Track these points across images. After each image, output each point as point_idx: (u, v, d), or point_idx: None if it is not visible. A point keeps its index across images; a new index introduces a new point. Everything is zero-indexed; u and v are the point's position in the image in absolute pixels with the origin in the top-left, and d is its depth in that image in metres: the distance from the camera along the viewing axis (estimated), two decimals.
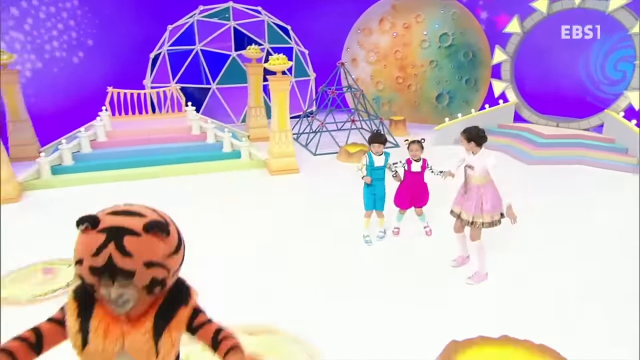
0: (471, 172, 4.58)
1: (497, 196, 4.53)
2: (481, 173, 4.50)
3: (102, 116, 8.83)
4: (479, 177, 4.54)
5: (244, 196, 7.36)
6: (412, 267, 5.07)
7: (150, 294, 1.65)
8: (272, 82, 8.02)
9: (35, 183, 7.65)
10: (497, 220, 4.58)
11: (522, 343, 3.46)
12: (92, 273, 1.53)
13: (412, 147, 5.34)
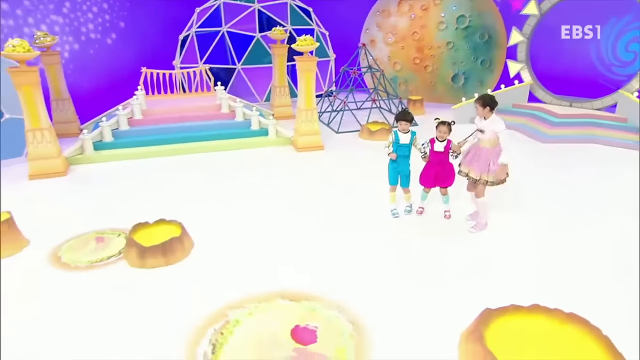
0: (481, 136, 4.94)
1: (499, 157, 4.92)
2: (490, 137, 4.87)
3: (137, 95, 8.83)
4: (488, 141, 4.92)
5: (274, 170, 7.38)
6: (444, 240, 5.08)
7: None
8: (299, 63, 7.93)
9: (79, 158, 7.74)
10: (501, 179, 5.00)
11: (553, 312, 3.46)
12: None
13: (440, 128, 5.20)
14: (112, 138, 8.22)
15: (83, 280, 4.36)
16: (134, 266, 4.56)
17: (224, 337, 3.54)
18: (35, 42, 8.30)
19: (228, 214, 5.77)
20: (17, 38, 6.37)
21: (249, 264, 4.60)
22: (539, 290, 4.00)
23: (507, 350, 3.13)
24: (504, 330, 3.37)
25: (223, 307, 3.88)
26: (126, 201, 6.19)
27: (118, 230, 5.34)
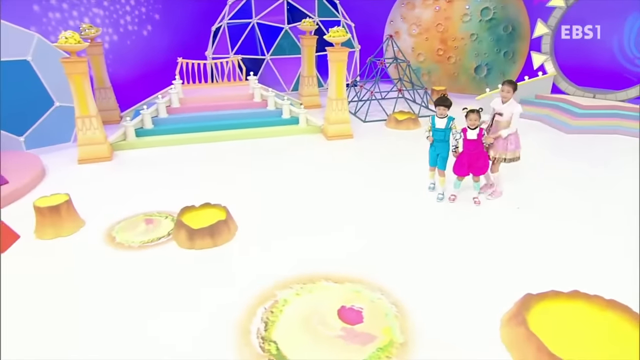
0: (500, 119, 5.35)
1: (517, 139, 5.42)
2: (507, 119, 5.29)
3: (175, 84, 8.86)
4: (505, 122, 5.33)
5: (307, 157, 7.35)
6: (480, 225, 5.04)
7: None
8: (331, 53, 7.84)
9: (122, 144, 7.84)
10: (517, 157, 5.47)
11: (593, 298, 3.42)
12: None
13: (471, 117, 5.20)
14: (152, 125, 8.29)
15: (138, 259, 4.45)
16: (184, 247, 4.63)
17: (275, 315, 3.59)
18: (81, 33, 8.36)
19: (266, 198, 5.80)
20: (70, 30, 6.43)
21: (291, 246, 4.63)
22: (578, 276, 3.94)
23: (548, 335, 3.11)
24: (545, 315, 3.35)
25: (271, 287, 3.93)
26: (168, 185, 6.27)
27: (164, 213, 5.42)
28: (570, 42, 10.44)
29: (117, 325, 3.49)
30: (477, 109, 5.27)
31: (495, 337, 3.30)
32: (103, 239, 4.83)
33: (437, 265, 4.25)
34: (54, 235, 4.82)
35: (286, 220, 5.21)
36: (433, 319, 3.51)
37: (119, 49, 10.77)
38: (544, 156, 7.24)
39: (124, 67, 10.98)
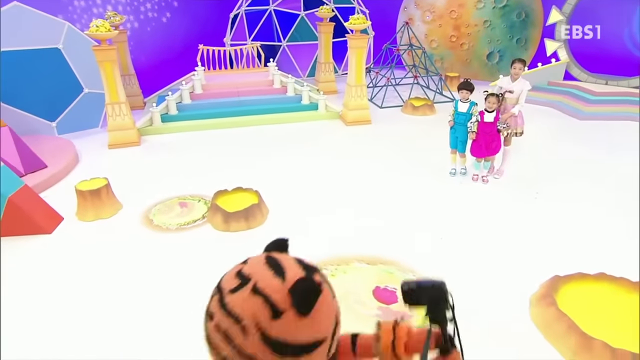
0: (509, 96, 5.45)
1: (522, 115, 5.55)
2: (517, 96, 5.41)
3: (197, 71, 8.84)
4: (515, 100, 5.43)
5: (329, 142, 7.37)
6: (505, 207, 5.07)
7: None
8: (351, 40, 7.78)
9: (149, 129, 7.88)
10: (523, 131, 5.62)
11: (619, 280, 3.46)
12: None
13: (490, 99, 5.32)
14: (177, 111, 8.31)
15: (177, 240, 4.53)
16: (219, 229, 4.70)
17: None
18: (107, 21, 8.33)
19: (292, 182, 5.84)
20: (100, 19, 6.42)
21: (321, 229, 4.69)
22: (602, 259, 3.96)
23: (577, 315, 3.16)
24: (573, 296, 3.40)
25: None
26: (196, 169, 6.32)
27: (197, 196, 5.49)
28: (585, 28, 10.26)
29: (161, 305, 3.59)
30: (498, 93, 5.31)
31: (525, 316, 3.36)
32: (141, 221, 4.91)
33: (463, 247, 4.29)
34: (95, 217, 4.91)
35: (314, 203, 5.26)
36: (463, 299, 3.55)
37: (140, 35, 10.72)
38: (558, 143, 7.21)
39: (145, 53, 10.94)
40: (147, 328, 3.33)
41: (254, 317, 0.88)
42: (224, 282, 0.99)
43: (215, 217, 4.75)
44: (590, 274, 3.56)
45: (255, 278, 0.93)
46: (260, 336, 0.88)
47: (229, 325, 0.90)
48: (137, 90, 9.47)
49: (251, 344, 0.88)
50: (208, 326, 0.95)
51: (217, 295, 0.97)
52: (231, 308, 0.91)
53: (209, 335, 0.95)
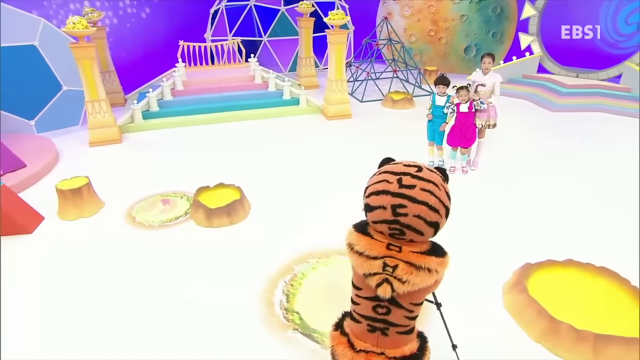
0: (482, 89, 5.56)
1: (495, 108, 5.63)
2: (489, 89, 5.54)
3: (178, 67, 8.73)
4: (487, 93, 5.56)
5: (310, 136, 7.37)
6: (480, 197, 5.17)
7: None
8: (330, 35, 7.77)
9: (130, 126, 7.77)
10: (496, 123, 5.69)
11: (585, 266, 3.58)
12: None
13: (461, 93, 5.46)
14: (158, 108, 8.20)
15: (160, 237, 4.51)
16: (202, 225, 4.69)
17: (295, 288, 3.71)
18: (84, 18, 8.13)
19: (274, 177, 5.85)
20: (77, 16, 6.27)
21: (302, 223, 4.72)
22: (568, 247, 4.10)
23: (547, 300, 3.27)
24: (543, 282, 3.51)
25: (289, 262, 4.04)
26: (178, 166, 6.27)
27: (179, 193, 5.46)
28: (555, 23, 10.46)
29: (148, 303, 3.58)
30: (466, 85, 5.51)
31: (499, 303, 3.47)
32: (124, 219, 4.87)
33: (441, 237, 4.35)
34: (77, 216, 4.85)
35: (296, 197, 5.28)
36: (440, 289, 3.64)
37: (119, 31, 10.53)
38: (531, 133, 7.37)
39: (125, 49, 10.75)
40: (132, 325, 3.32)
41: (439, 180, 1.66)
42: (399, 169, 1.69)
43: (198, 214, 4.74)
44: (559, 260, 3.68)
45: (421, 165, 1.70)
46: (444, 190, 1.67)
47: (431, 186, 1.62)
48: (118, 87, 9.31)
49: (442, 194, 1.64)
50: (412, 192, 1.61)
51: (405, 176, 1.64)
52: (427, 177, 1.64)
53: (415, 196, 1.60)
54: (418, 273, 1.62)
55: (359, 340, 1.88)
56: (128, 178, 5.92)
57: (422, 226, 1.60)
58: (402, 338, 1.84)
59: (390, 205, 1.59)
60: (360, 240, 1.70)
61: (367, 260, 1.66)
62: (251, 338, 3.19)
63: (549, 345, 3.00)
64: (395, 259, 1.64)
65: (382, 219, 1.63)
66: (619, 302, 3.26)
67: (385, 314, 1.77)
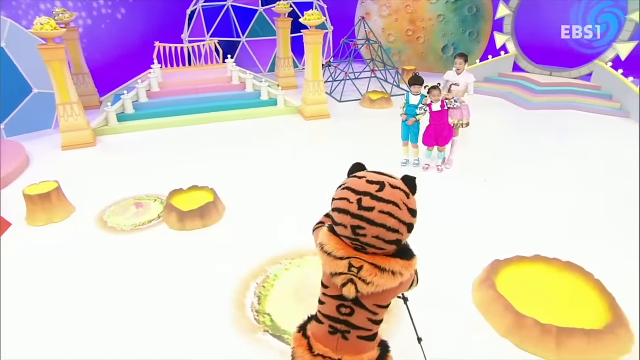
0: (455, 88, 5.62)
1: (468, 107, 5.70)
2: (462, 88, 5.59)
3: (154, 68, 8.62)
4: (461, 92, 5.61)
5: (287, 137, 7.36)
6: (451, 196, 5.24)
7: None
8: (307, 36, 7.77)
9: (105, 129, 7.64)
10: (469, 122, 5.76)
11: (552, 261, 3.65)
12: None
13: (433, 92, 5.51)
14: (134, 110, 8.09)
15: (132, 241, 4.45)
16: (175, 229, 4.64)
17: (267, 290, 3.70)
18: (55, 18, 7.96)
19: (250, 178, 5.82)
20: (45, 16, 6.13)
21: (277, 224, 4.71)
22: (537, 243, 4.18)
23: (515, 296, 3.33)
24: (511, 278, 3.57)
25: (262, 264, 4.02)
26: (153, 169, 6.19)
27: (153, 196, 5.39)
28: (530, 23, 10.67)
29: (119, 307, 3.53)
30: (437, 85, 5.57)
31: (468, 300, 3.51)
32: (95, 223, 4.78)
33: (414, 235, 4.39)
34: (46, 222, 4.75)
35: (271, 199, 5.26)
36: None
37: (94, 32, 10.35)
38: (506, 131, 7.50)
39: (100, 51, 10.58)
40: (102, 330, 3.27)
41: (400, 199, 1.60)
42: (361, 188, 1.61)
43: (171, 217, 4.68)
44: (527, 256, 3.75)
45: (384, 180, 1.63)
46: (406, 208, 1.61)
47: (390, 208, 1.57)
48: (93, 89, 9.14)
49: (403, 214, 1.60)
50: (371, 215, 1.57)
51: (365, 197, 1.59)
52: (388, 198, 1.58)
53: (373, 219, 1.57)
54: (382, 275, 1.64)
55: (318, 344, 1.87)
56: (101, 182, 5.82)
57: (382, 244, 1.61)
58: (362, 344, 1.83)
59: (350, 226, 1.60)
60: (331, 240, 1.72)
61: (334, 260, 1.68)
62: (221, 341, 3.17)
63: (516, 340, 3.05)
64: (360, 260, 1.65)
65: (345, 235, 1.66)
66: (583, 296, 3.34)
67: (349, 315, 1.77)
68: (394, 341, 3.07)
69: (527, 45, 10.32)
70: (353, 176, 1.70)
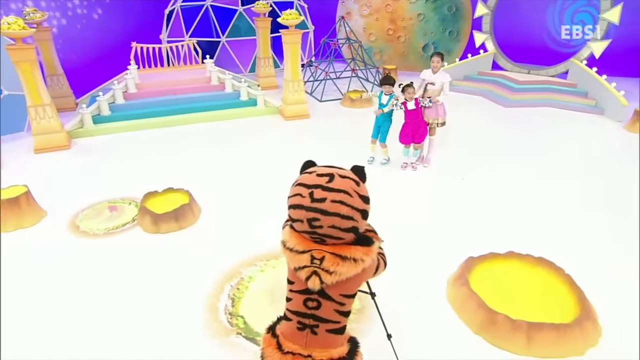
0: (431, 87, 5.64)
1: (444, 106, 5.72)
2: (438, 87, 5.61)
3: (130, 69, 8.49)
4: (436, 91, 5.63)
5: (266, 138, 7.31)
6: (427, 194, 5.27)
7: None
8: (285, 36, 7.74)
9: (80, 132, 7.50)
10: (445, 122, 5.77)
11: (525, 257, 3.69)
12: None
13: (408, 90, 5.56)
14: (110, 112, 7.95)
15: (104, 245, 4.36)
16: (149, 232, 4.57)
17: (241, 291, 3.67)
18: (25, 18, 7.79)
19: (228, 180, 5.78)
20: (12, 15, 5.98)
21: (253, 226, 4.67)
22: (511, 239, 4.22)
23: (487, 292, 3.36)
24: (485, 274, 3.60)
25: (236, 265, 3.98)
26: (129, 171, 6.10)
27: (128, 199, 5.30)
28: (508, 22, 10.81)
29: (91, 313, 3.45)
30: (410, 83, 5.62)
31: (442, 297, 3.53)
32: (67, 228, 4.68)
33: (387, 233, 4.41)
34: (16, 227, 4.63)
35: (248, 200, 5.22)
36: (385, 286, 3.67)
37: (69, 33, 10.15)
38: (484, 129, 7.58)
39: (76, 52, 10.38)
40: (75, 334, 3.19)
41: (350, 187, 1.64)
42: (312, 181, 1.67)
43: (145, 220, 4.61)
44: (500, 253, 3.78)
45: (333, 172, 1.68)
46: (357, 195, 1.64)
47: (341, 196, 1.61)
48: (68, 90, 8.96)
49: (355, 200, 1.63)
50: (323, 205, 1.61)
51: (317, 189, 1.63)
52: (338, 187, 1.62)
53: (326, 209, 1.61)
54: (344, 263, 1.67)
55: (287, 342, 1.87)
56: (75, 185, 5.71)
57: (339, 233, 1.65)
58: (331, 337, 1.84)
59: (306, 219, 1.65)
60: (292, 237, 1.76)
61: (296, 255, 1.72)
62: (194, 345, 3.13)
63: (488, 337, 3.08)
64: (322, 251, 1.69)
65: (303, 230, 1.70)
66: (554, 291, 3.38)
67: (316, 308, 1.78)
68: (366, 340, 3.10)
69: (506, 44, 10.45)
70: (304, 172, 1.74)
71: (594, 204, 4.96)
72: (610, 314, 3.26)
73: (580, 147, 6.72)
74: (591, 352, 2.97)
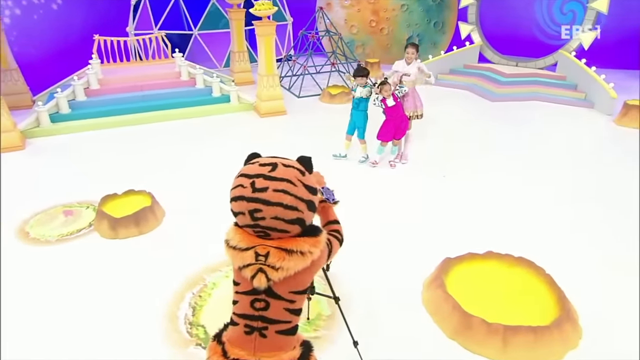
0: (407, 79, 5.72)
1: (420, 99, 5.90)
2: (413, 78, 5.75)
3: (92, 64, 8.35)
4: (412, 82, 5.75)
5: (238, 136, 7.26)
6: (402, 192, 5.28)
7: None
8: (258, 27, 7.70)
9: (36, 131, 7.34)
10: (422, 114, 5.96)
11: (504, 257, 3.71)
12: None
13: (384, 88, 5.57)
14: (69, 109, 7.80)
15: (55, 254, 4.26)
16: (106, 237, 4.48)
17: (203, 299, 3.61)
18: None
19: (195, 181, 5.71)
20: None
21: (220, 230, 4.59)
22: (492, 238, 4.25)
23: (464, 294, 3.36)
24: (462, 275, 3.61)
25: (200, 272, 3.93)
26: (90, 173, 5.98)
27: (86, 203, 5.20)
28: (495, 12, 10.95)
29: (42, 326, 3.36)
30: (385, 79, 5.64)
31: (417, 300, 3.52)
32: (15, 235, 4.56)
33: (361, 234, 4.40)
34: None
35: (215, 202, 5.09)
36: (358, 290, 3.65)
37: (25, 24, 9.93)
38: (468, 124, 7.64)
39: (33, 45, 10.16)
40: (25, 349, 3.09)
41: (294, 176, 1.62)
42: (254, 171, 1.65)
43: (102, 224, 4.52)
44: (479, 253, 3.80)
45: (277, 161, 1.66)
46: (302, 184, 1.62)
47: (284, 185, 1.59)
48: (23, 87, 8.78)
49: (299, 190, 1.61)
50: (265, 195, 1.58)
51: (258, 179, 1.61)
52: (281, 176, 1.60)
53: (268, 199, 1.57)
54: (291, 257, 1.64)
55: (234, 348, 1.83)
56: (27, 188, 5.58)
57: (283, 225, 1.62)
58: (282, 339, 1.80)
59: (248, 211, 1.62)
60: (235, 234, 1.74)
61: (239, 253, 1.68)
62: (153, 356, 3.06)
63: (462, 341, 3.08)
64: (266, 246, 1.65)
65: (245, 224, 1.67)
66: (533, 291, 3.40)
67: (264, 309, 1.74)
68: (335, 347, 3.08)
69: (493, 35, 10.58)
70: (247, 163, 1.72)
71: (581, 198, 5.04)
72: (592, 313, 3.29)
73: (568, 141, 6.82)
74: (571, 354, 2.99)
